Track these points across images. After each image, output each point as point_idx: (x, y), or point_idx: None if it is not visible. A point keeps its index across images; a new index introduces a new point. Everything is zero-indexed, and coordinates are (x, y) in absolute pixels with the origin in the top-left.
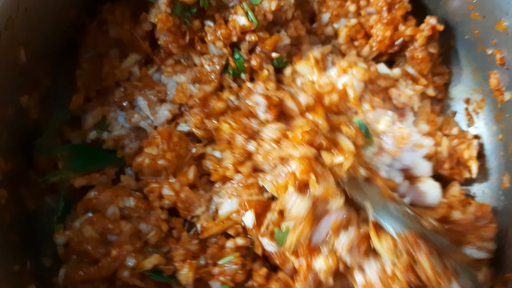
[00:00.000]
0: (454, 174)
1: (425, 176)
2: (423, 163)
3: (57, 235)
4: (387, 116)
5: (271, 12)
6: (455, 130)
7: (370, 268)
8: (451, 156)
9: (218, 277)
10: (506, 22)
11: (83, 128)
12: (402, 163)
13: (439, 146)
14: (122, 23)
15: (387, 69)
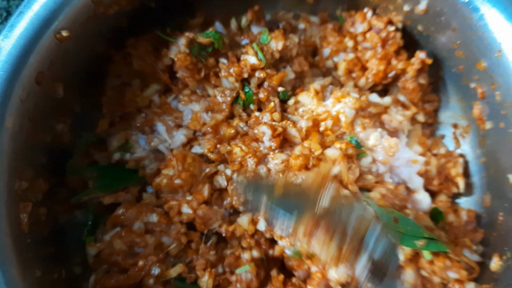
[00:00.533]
0: (443, 189)
1: (419, 188)
2: (416, 178)
3: (89, 247)
4: (376, 132)
5: (278, 51)
6: (443, 150)
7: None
8: (440, 173)
9: (235, 285)
10: (484, 63)
11: (108, 150)
12: (400, 177)
13: (428, 165)
14: (145, 57)
15: (379, 98)
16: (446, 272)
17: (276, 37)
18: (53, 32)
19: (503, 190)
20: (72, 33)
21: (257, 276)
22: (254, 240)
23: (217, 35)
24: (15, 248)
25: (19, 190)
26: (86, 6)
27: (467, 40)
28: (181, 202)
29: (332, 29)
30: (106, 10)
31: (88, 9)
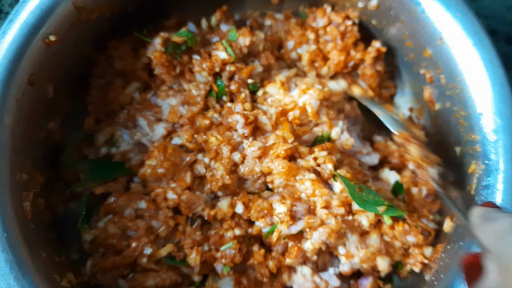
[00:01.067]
0: (404, 161)
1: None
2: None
3: (85, 234)
4: (337, 127)
5: (246, 46)
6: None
7: (350, 243)
8: (399, 148)
9: (220, 260)
10: (429, 50)
11: (96, 145)
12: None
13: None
14: (125, 57)
15: (336, 85)
16: (406, 236)
17: (243, 33)
18: (41, 37)
19: (452, 163)
20: (59, 37)
21: (240, 251)
22: (234, 222)
23: (189, 34)
24: (21, 232)
25: (20, 181)
26: (70, 12)
27: (414, 31)
28: (166, 189)
29: (295, 24)
30: (88, 16)
31: (73, 15)
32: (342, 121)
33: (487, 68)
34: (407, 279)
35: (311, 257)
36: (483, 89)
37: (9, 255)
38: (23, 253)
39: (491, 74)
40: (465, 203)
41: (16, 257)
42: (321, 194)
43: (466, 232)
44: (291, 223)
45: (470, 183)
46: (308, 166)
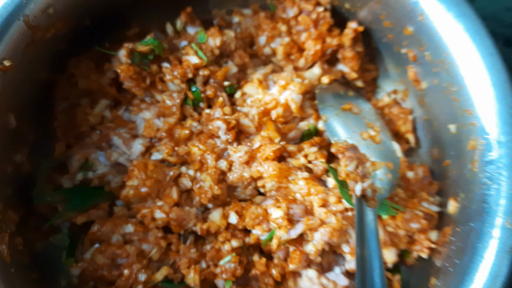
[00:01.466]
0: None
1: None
2: None
3: (72, 268)
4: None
5: (217, 47)
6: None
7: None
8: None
9: (221, 276)
10: (410, 28)
11: (70, 171)
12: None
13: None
14: (88, 75)
15: (311, 74)
16: (409, 224)
17: (212, 34)
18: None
19: (447, 140)
20: (14, 61)
21: (240, 264)
22: (229, 233)
23: (155, 42)
24: (2, 278)
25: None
26: (23, 33)
27: (391, 10)
28: (153, 209)
29: (264, 17)
30: (43, 34)
31: (26, 35)
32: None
33: (474, 40)
34: (415, 267)
35: (315, 259)
36: (472, 61)
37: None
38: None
39: (479, 45)
40: (468, 184)
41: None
42: (317, 192)
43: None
44: (290, 227)
45: (472, 160)
46: (300, 165)
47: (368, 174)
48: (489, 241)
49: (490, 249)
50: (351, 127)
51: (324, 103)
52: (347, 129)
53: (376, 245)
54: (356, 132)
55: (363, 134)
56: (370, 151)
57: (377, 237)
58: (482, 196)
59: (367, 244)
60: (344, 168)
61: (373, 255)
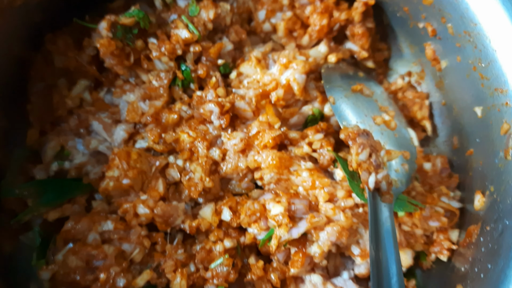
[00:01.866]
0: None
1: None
2: None
3: (41, 271)
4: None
5: (210, 21)
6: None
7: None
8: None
9: (211, 281)
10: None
11: (43, 161)
12: None
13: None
14: (66, 52)
15: (316, 51)
16: (427, 222)
17: (205, 6)
18: None
19: (470, 126)
20: None
21: (234, 267)
22: (222, 231)
23: (141, 14)
24: None
25: None
26: None
27: None
28: (136, 203)
29: None
30: (11, 1)
31: None
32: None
33: (506, 6)
34: (432, 271)
35: (320, 262)
36: (505, 31)
37: None
38: None
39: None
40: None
41: None
42: (322, 185)
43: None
44: (291, 226)
45: (505, 147)
46: (303, 154)
47: (382, 164)
48: None
49: None
50: (363, 111)
51: (332, 83)
52: (358, 112)
53: (393, 247)
54: (368, 116)
55: (376, 118)
56: (385, 138)
57: (394, 237)
58: None
59: (382, 245)
60: (356, 157)
61: (390, 258)
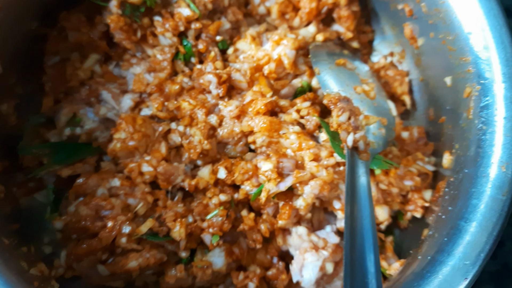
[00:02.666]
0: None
1: None
2: None
3: (55, 221)
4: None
5: (210, 1)
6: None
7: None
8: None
9: (207, 230)
10: None
11: (57, 127)
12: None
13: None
14: (79, 28)
15: (306, 31)
16: (402, 181)
17: None
18: None
19: (442, 96)
20: (0, 3)
21: (228, 218)
22: (217, 189)
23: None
24: None
25: None
26: None
27: None
28: (141, 163)
29: None
30: None
31: None
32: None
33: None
34: (408, 229)
35: (305, 215)
36: (469, 6)
37: None
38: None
39: None
40: (463, 132)
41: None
42: (308, 147)
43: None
44: (279, 180)
45: (467, 108)
46: (291, 120)
47: (361, 127)
48: (483, 185)
49: (484, 193)
50: (345, 81)
51: (318, 58)
52: (340, 82)
53: (367, 200)
54: (349, 86)
55: (356, 88)
56: (364, 106)
57: (369, 191)
58: (477, 141)
59: (357, 198)
60: (336, 118)
61: (364, 210)
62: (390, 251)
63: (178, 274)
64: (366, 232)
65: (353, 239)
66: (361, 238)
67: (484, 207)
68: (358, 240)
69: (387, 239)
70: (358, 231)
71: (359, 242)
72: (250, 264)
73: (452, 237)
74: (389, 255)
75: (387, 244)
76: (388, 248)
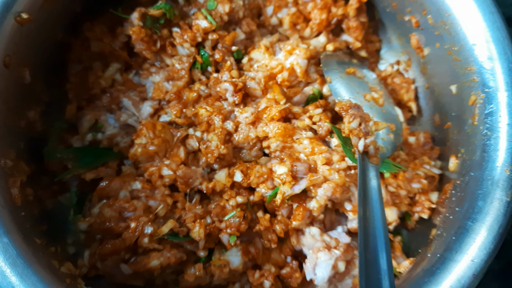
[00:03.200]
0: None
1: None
2: None
3: (80, 223)
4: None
5: (226, 13)
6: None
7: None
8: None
9: (225, 230)
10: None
11: (80, 132)
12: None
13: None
14: (102, 38)
15: (317, 41)
16: (410, 184)
17: (221, 1)
18: (13, 15)
19: (448, 103)
20: (32, 15)
21: (245, 219)
22: (234, 192)
23: (167, 6)
24: (12, 218)
25: (5, 167)
26: None
27: None
28: (161, 166)
29: None
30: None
31: None
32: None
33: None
34: (416, 230)
35: (318, 216)
36: (473, 19)
37: (3, 239)
38: (17, 238)
39: (479, 4)
40: (468, 138)
41: (12, 241)
42: (320, 151)
43: None
44: (294, 183)
45: (472, 115)
46: (304, 126)
47: (370, 132)
48: (489, 188)
49: (490, 195)
50: (355, 89)
51: (329, 67)
52: (350, 90)
53: (378, 202)
54: (359, 94)
55: (366, 95)
56: (373, 112)
57: (379, 193)
58: (483, 146)
59: (369, 200)
60: (348, 124)
61: (376, 211)
62: (398, 251)
63: (197, 272)
64: (378, 232)
65: (366, 239)
66: (373, 238)
67: (490, 208)
68: (371, 240)
69: (395, 239)
70: (370, 231)
71: (372, 242)
72: (265, 263)
73: (460, 236)
74: (398, 254)
75: (396, 244)
76: (397, 247)
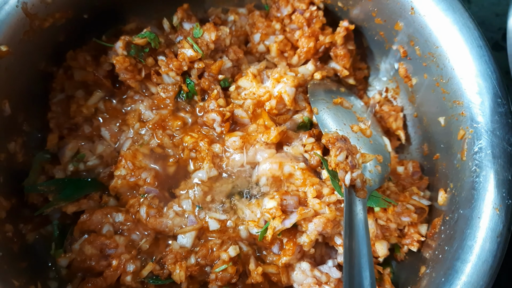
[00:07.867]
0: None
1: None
2: None
3: (60, 259)
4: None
5: (212, 42)
6: (386, 108)
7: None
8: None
9: (215, 282)
10: (401, 23)
11: (61, 162)
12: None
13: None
14: (85, 67)
15: (304, 69)
16: (400, 217)
17: (208, 29)
18: None
19: (437, 134)
20: (12, 48)
21: (236, 272)
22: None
23: (152, 35)
24: None
25: None
26: (21, 20)
27: (382, 6)
28: (139, 198)
29: (259, 16)
30: (41, 23)
31: (24, 23)
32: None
33: (462, 32)
34: (405, 262)
35: (308, 250)
36: (461, 53)
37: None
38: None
39: (467, 37)
40: (457, 172)
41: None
42: (312, 183)
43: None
44: (284, 217)
45: (461, 150)
46: (297, 153)
47: (357, 165)
48: (478, 227)
49: (479, 234)
50: (342, 120)
51: (316, 97)
52: (338, 121)
53: (364, 235)
54: (347, 125)
55: (353, 127)
56: (360, 144)
57: (366, 227)
58: (471, 183)
59: (355, 234)
60: (334, 158)
61: (362, 245)
62: (388, 283)
63: None
64: (364, 268)
65: (351, 273)
66: (358, 273)
67: (480, 248)
68: (356, 275)
69: (384, 272)
70: (355, 267)
71: (357, 277)
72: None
73: (449, 278)
74: (387, 287)
75: (385, 277)
76: (386, 280)
